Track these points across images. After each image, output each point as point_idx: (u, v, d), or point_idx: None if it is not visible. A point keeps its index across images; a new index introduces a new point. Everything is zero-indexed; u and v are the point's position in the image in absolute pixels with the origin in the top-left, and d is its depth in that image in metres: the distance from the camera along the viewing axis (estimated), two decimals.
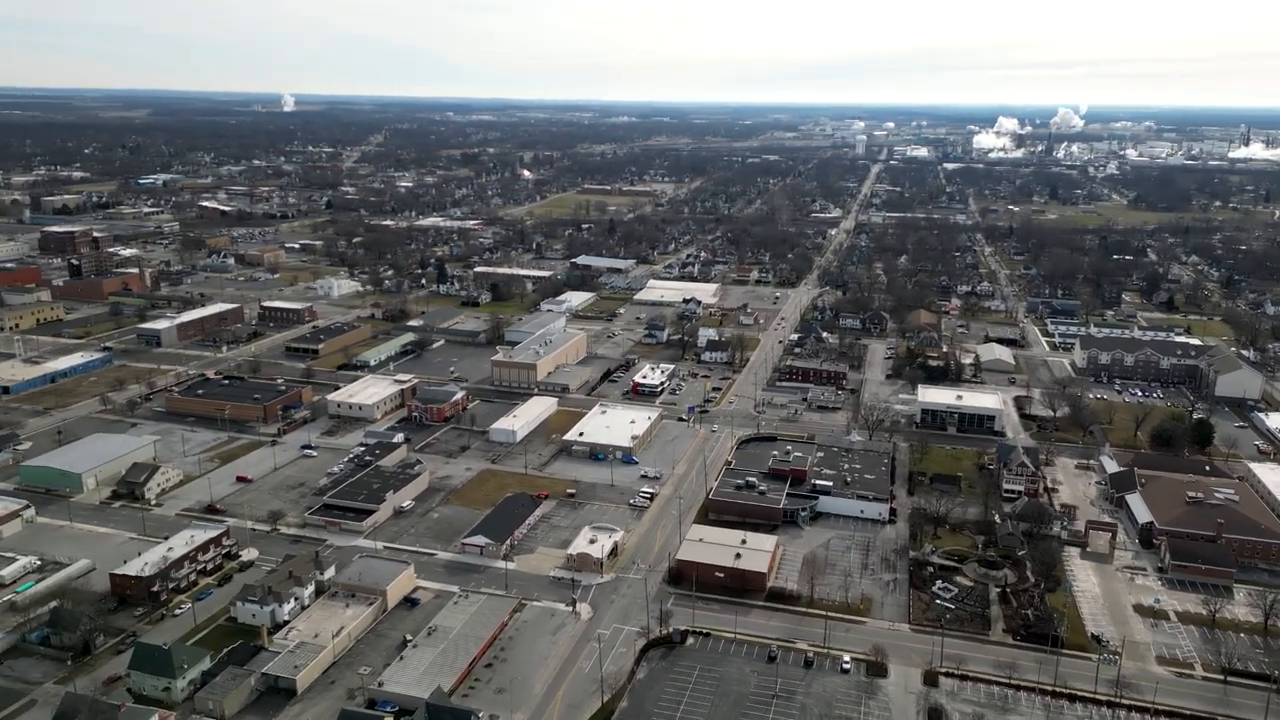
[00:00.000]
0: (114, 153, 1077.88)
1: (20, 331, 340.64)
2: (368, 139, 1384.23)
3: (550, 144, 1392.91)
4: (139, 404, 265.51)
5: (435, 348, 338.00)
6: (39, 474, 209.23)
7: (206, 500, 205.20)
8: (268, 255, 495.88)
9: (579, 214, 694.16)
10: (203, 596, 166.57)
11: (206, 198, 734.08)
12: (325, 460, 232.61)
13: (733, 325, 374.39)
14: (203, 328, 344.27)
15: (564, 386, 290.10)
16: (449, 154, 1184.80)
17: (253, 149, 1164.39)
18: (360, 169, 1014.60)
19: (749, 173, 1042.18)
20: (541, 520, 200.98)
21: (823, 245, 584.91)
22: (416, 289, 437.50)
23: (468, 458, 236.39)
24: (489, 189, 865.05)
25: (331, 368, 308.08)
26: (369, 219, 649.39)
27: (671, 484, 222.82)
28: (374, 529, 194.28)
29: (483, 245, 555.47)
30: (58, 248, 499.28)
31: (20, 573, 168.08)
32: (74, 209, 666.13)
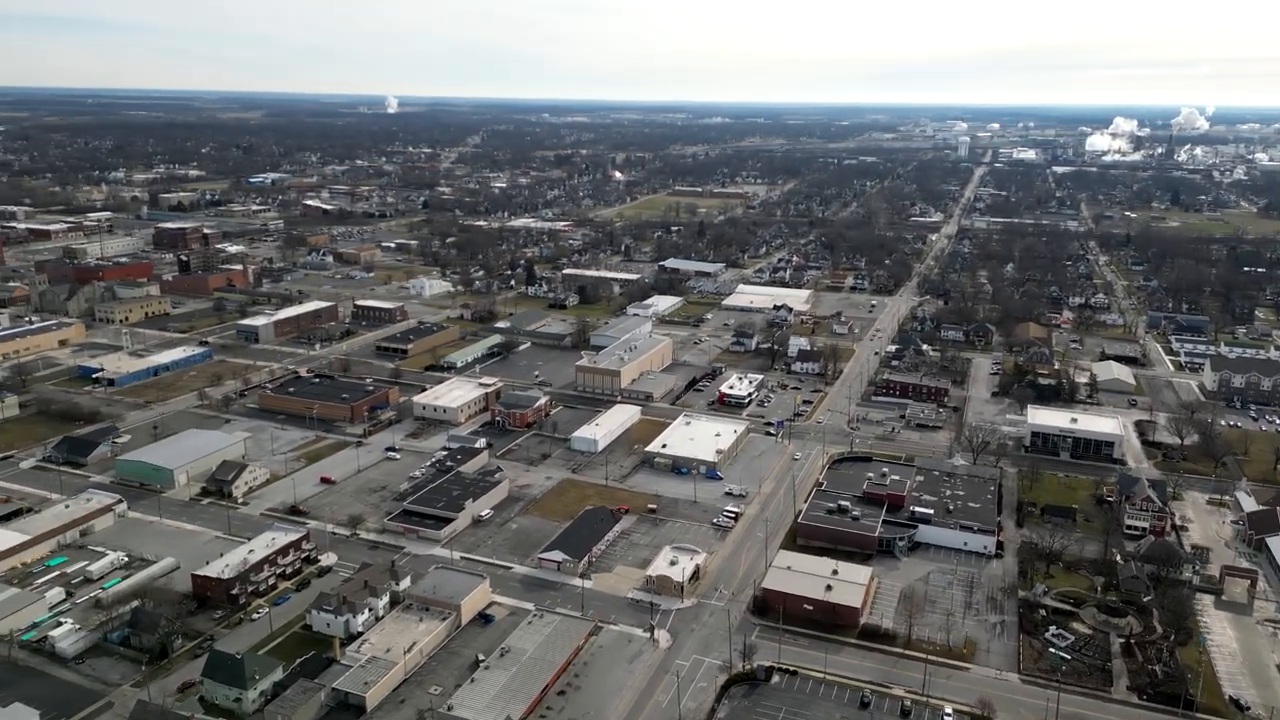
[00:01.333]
0: (228, 152, 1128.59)
1: (129, 325, 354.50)
2: (465, 140, 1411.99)
3: (642, 145, 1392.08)
4: (233, 400, 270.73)
5: (521, 350, 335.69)
6: (134, 468, 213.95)
7: (290, 501, 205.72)
8: (364, 254, 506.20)
9: (669, 216, 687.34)
10: (280, 601, 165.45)
11: (311, 196, 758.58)
12: (408, 463, 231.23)
13: (825, 334, 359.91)
14: (298, 325, 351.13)
15: (648, 394, 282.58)
16: (543, 155, 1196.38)
17: (356, 149, 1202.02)
18: (457, 169, 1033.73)
19: (845, 175, 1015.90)
20: (621, 536, 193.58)
21: (922, 251, 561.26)
22: (505, 290, 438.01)
23: (548, 466, 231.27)
24: (580, 190, 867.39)
25: (419, 368, 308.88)
26: (463, 219, 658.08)
27: (757, 503, 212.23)
28: (452, 538, 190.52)
29: (572, 247, 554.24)
30: (170, 243, 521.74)
31: (108, 569, 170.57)
32: (188, 206, 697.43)
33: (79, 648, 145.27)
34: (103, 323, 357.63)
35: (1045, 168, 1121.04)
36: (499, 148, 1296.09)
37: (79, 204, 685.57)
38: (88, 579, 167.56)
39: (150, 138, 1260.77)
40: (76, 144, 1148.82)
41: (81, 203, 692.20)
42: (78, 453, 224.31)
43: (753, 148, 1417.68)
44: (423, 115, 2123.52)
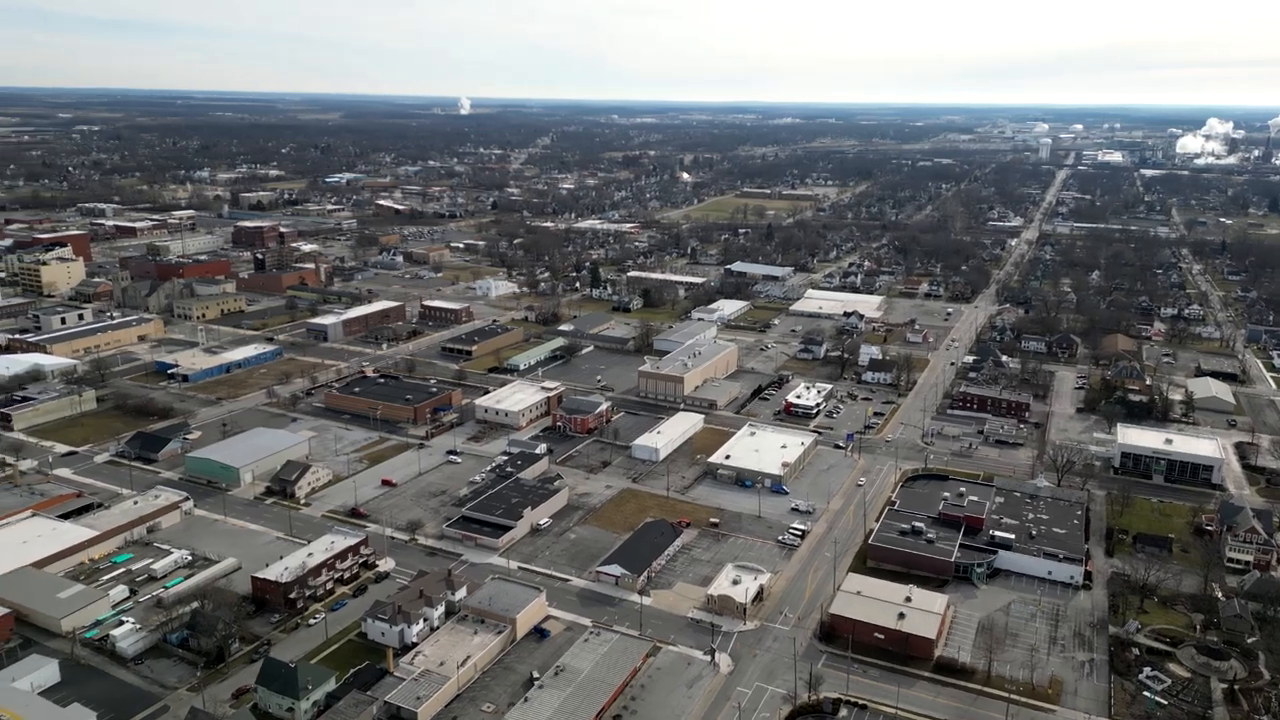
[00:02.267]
0: (307, 153, 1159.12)
1: (205, 321, 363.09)
2: (535, 141, 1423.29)
3: (711, 146, 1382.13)
4: (300, 399, 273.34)
5: (584, 354, 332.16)
6: (202, 465, 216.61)
7: (351, 503, 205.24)
8: (433, 254, 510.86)
9: (736, 218, 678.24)
10: (337, 607, 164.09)
11: (384, 196, 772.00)
12: (468, 467, 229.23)
13: (898, 343, 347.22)
14: (366, 324, 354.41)
15: (711, 402, 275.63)
16: (611, 156, 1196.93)
17: (429, 150, 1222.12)
18: (526, 170, 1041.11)
19: (919, 177, 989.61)
20: (681, 551, 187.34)
21: (1001, 257, 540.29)
22: (570, 292, 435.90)
23: (608, 474, 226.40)
24: (647, 192, 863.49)
25: (483, 370, 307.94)
26: (530, 220, 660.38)
27: (825, 521, 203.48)
28: (510, 547, 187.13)
29: (637, 249, 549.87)
30: (248, 242, 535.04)
31: (171, 567, 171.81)
32: (267, 205, 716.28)
33: (138, 648, 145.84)
34: (181, 319, 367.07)
35: (1133, 171, 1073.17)
36: (568, 149, 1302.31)
37: (165, 202, 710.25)
38: (151, 577, 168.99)
39: (235, 138, 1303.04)
40: (165, 144, 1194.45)
41: (167, 201, 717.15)
42: (150, 448, 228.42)
43: (823, 149, 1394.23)
44: (494, 117, 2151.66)
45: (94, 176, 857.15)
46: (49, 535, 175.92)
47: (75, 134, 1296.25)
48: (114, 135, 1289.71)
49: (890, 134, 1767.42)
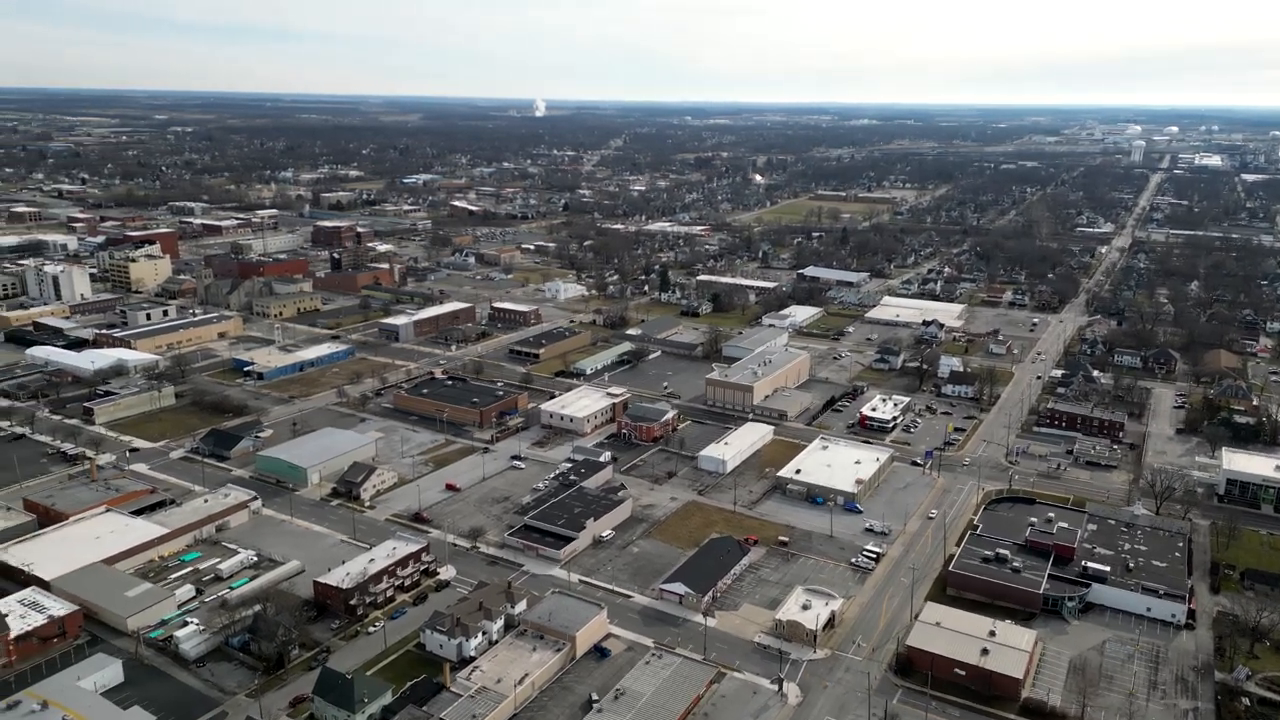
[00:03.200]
0: (386, 154, 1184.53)
1: (282, 320, 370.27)
2: (608, 143, 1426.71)
3: (784, 148, 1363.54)
4: (369, 399, 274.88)
5: (651, 359, 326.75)
6: (271, 465, 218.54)
7: (415, 507, 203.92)
8: (504, 255, 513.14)
9: (810, 221, 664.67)
10: (397, 615, 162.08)
11: (458, 197, 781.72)
12: (532, 473, 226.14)
13: (980, 354, 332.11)
14: (436, 325, 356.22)
15: (781, 413, 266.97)
16: (683, 158, 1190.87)
17: (504, 151, 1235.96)
18: (598, 172, 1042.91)
19: (1002, 180, 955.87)
20: (748, 571, 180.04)
21: (1091, 265, 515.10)
22: (639, 295, 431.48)
23: (673, 486, 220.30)
24: (719, 194, 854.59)
25: (550, 374, 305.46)
26: (601, 222, 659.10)
27: (901, 544, 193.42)
28: (571, 559, 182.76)
29: (708, 252, 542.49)
30: (326, 241, 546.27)
31: (237, 568, 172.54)
32: (346, 205, 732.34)
33: (201, 650, 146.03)
34: (259, 317, 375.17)
35: (1233, 175, 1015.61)
36: (640, 150, 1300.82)
37: (250, 201, 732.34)
38: (217, 577, 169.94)
39: (318, 139, 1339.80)
40: (253, 145, 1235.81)
41: (252, 200, 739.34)
42: (223, 446, 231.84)
43: (901, 151, 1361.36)
44: (568, 118, 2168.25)
45: (185, 176, 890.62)
46: (121, 531, 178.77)
47: (170, 135, 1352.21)
48: (206, 136, 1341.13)
49: (971, 135, 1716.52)
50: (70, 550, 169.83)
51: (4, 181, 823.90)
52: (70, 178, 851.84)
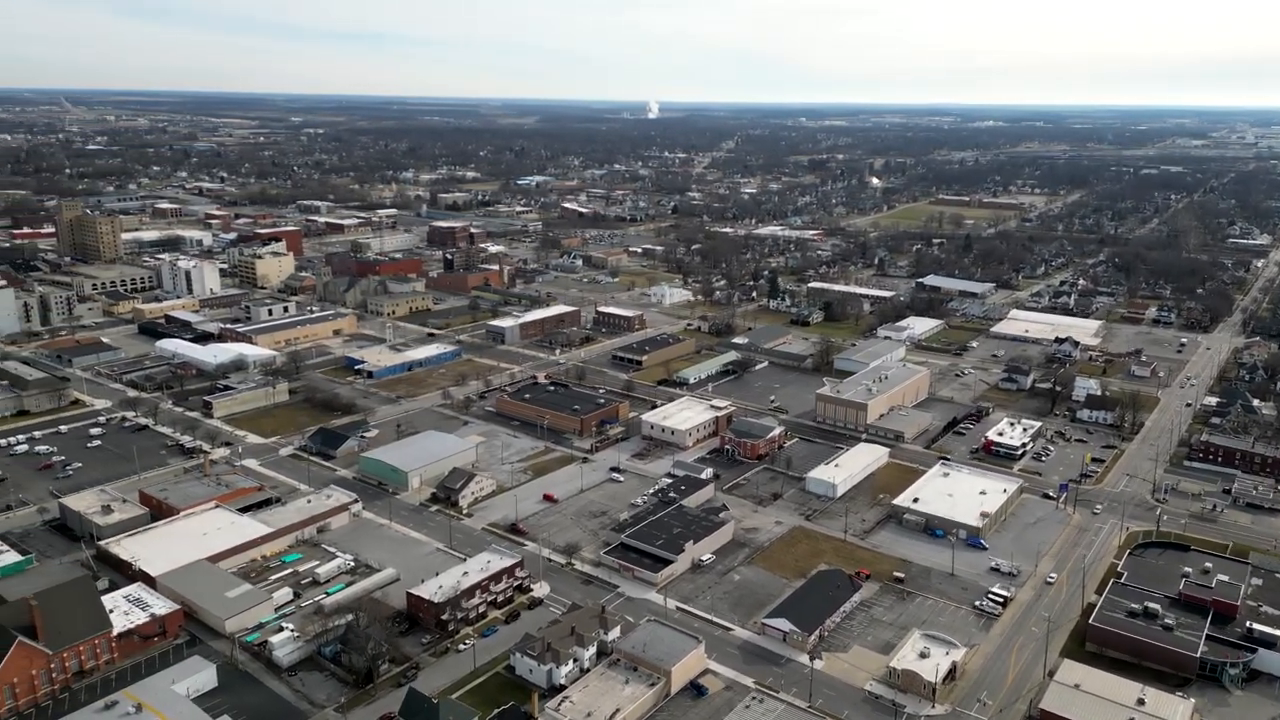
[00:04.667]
0: (502, 155, 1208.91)
1: (395, 319, 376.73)
2: (720, 144, 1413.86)
3: (904, 150, 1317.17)
4: (473, 402, 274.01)
5: (758, 369, 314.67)
6: (374, 466, 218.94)
7: (512, 517, 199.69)
8: (611, 258, 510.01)
9: (930, 227, 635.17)
10: (488, 633, 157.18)
11: (569, 199, 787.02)
12: (631, 487, 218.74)
13: (1121, 376, 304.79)
14: (542, 328, 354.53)
15: (898, 434, 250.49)
16: (796, 160, 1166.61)
17: (615, 154, 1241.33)
18: (709, 174, 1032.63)
19: (1143, 186, 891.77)
20: (860, 609, 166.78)
21: (1246, 280, 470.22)
22: (746, 302, 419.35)
23: (779, 509, 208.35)
24: (833, 197, 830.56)
25: (652, 381, 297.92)
26: (710, 225, 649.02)
27: (1032, 587, 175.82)
28: (668, 583, 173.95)
29: (820, 258, 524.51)
30: (441, 241, 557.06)
31: (335, 572, 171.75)
32: (461, 206, 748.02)
33: (294, 658, 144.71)
34: (373, 315, 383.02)
35: None
36: (752, 152, 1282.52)
37: (372, 201, 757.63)
38: (315, 581, 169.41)
39: (439, 141, 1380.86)
40: (378, 146, 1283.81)
41: (374, 200, 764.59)
42: (329, 445, 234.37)
43: (1030, 154, 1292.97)
44: (681, 120, 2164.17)
45: (314, 176, 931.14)
46: (227, 529, 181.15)
47: (303, 136, 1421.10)
48: (335, 137, 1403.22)
49: (1108, 138, 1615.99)
50: (177, 546, 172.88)
51: (151, 179, 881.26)
52: (210, 176, 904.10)
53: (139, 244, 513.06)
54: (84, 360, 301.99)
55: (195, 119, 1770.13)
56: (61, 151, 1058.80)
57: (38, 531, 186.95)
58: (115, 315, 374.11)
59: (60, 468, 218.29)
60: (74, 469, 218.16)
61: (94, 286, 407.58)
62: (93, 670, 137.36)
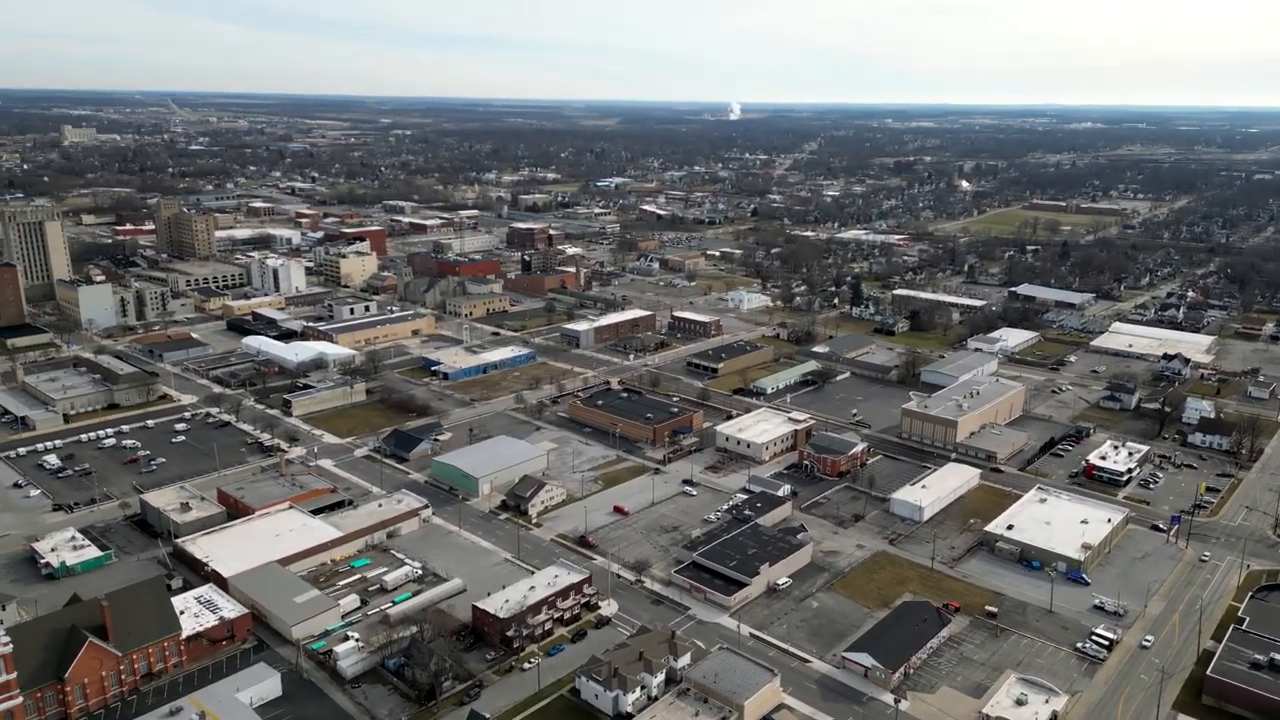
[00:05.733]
0: (583, 157, 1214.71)
1: (472, 319, 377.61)
2: (802, 146, 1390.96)
3: (995, 152, 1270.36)
4: (546, 407, 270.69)
5: (839, 380, 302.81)
6: (445, 471, 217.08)
7: (581, 529, 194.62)
8: (689, 261, 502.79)
9: (1023, 233, 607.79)
10: (554, 651, 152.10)
11: (648, 201, 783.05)
12: (704, 501, 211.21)
13: (1236, 397, 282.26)
14: (617, 332, 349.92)
15: (990, 454, 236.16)
16: (881, 162, 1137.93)
17: (695, 155, 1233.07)
18: (790, 176, 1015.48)
19: (1256, 192, 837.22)
20: (948, 645, 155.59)
21: None
22: (827, 309, 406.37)
23: (860, 531, 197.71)
24: (920, 200, 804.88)
25: (728, 390, 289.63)
26: (790, 228, 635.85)
27: (1140, 629, 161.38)
28: (742, 607, 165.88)
29: (906, 264, 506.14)
30: (520, 243, 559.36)
31: (402, 580, 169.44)
32: (541, 207, 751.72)
33: (358, 670, 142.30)
34: (451, 316, 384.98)
35: None
36: (835, 154, 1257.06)
37: (455, 201, 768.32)
38: (383, 588, 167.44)
39: (521, 143, 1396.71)
40: (463, 148, 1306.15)
41: (456, 201, 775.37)
42: (403, 447, 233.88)
43: (1132, 157, 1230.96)
44: (763, 121, 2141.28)
45: (400, 176, 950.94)
46: (299, 530, 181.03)
47: (391, 137, 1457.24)
48: (422, 139, 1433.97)
49: (1217, 141, 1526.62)
50: (250, 546, 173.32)
51: (247, 179, 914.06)
52: (303, 176, 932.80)
53: (232, 242, 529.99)
54: (174, 355, 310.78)
55: (291, 120, 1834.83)
56: (166, 151, 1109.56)
57: (119, 527, 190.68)
58: (206, 311, 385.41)
59: (145, 462, 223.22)
60: (158, 464, 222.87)
61: (187, 283, 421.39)
62: (161, 673, 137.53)
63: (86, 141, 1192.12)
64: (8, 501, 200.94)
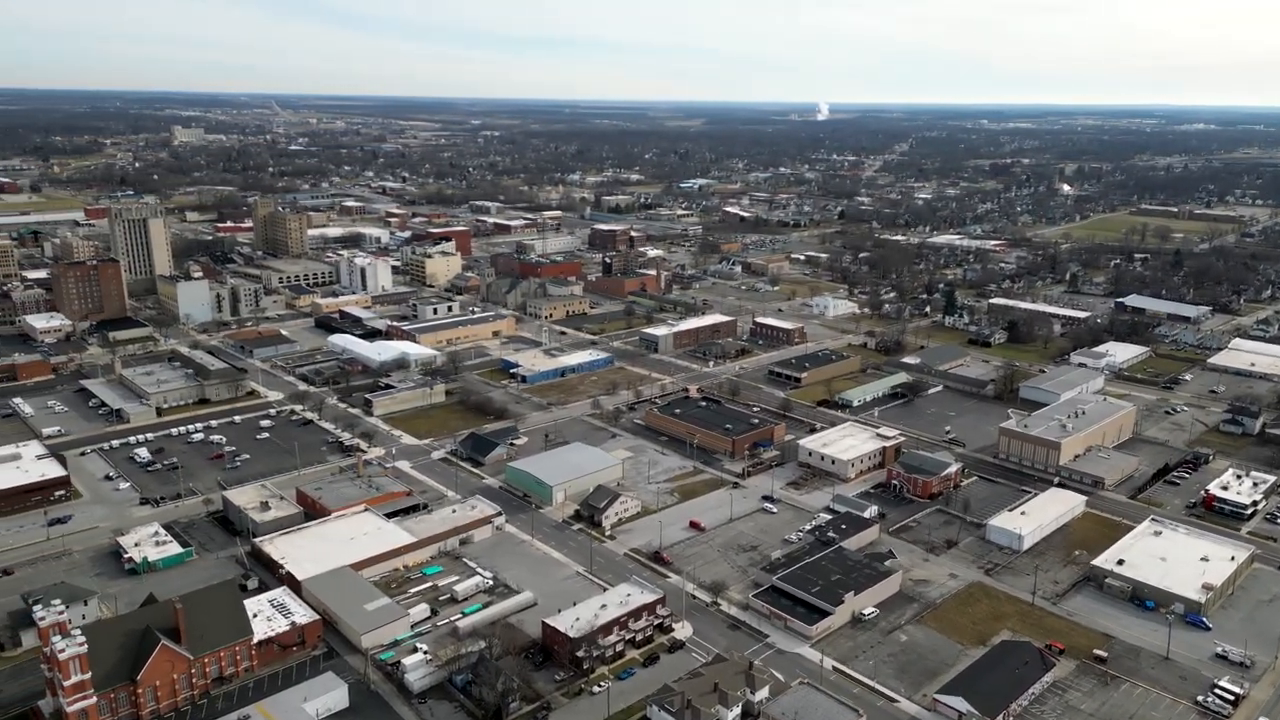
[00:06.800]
0: (666, 158, 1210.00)
1: (552, 322, 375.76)
2: (892, 147, 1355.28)
3: (1099, 154, 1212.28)
4: (622, 414, 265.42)
5: (930, 394, 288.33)
6: (520, 477, 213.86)
7: (655, 544, 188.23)
8: (772, 265, 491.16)
9: (1131, 240, 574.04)
10: (624, 675, 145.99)
11: (731, 203, 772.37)
12: (784, 520, 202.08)
13: None
14: (696, 338, 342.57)
15: (1097, 479, 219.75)
16: (976, 164, 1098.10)
17: (781, 156, 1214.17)
18: (879, 178, 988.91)
19: None
20: (1051, 691, 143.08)
21: None
22: (918, 317, 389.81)
23: (953, 559, 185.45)
24: (1018, 204, 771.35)
25: (811, 401, 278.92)
26: (879, 232, 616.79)
27: (1270, 683, 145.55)
28: (824, 637, 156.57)
29: (1003, 271, 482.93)
30: (601, 244, 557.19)
31: (473, 590, 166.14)
32: (623, 208, 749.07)
33: (425, 684, 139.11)
34: (531, 317, 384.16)
35: None
36: (927, 155, 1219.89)
37: (539, 202, 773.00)
38: (453, 598, 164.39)
39: (606, 144, 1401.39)
40: (549, 148, 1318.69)
41: (541, 201, 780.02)
42: (479, 451, 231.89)
43: (1249, 160, 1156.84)
44: (851, 122, 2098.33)
45: (487, 177, 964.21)
46: (373, 534, 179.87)
47: (480, 138, 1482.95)
48: (509, 140, 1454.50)
49: None
50: (325, 549, 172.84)
51: (342, 178, 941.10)
52: (394, 176, 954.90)
53: (324, 240, 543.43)
54: (263, 351, 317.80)
55: (386, 121, 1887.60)
56: (267, 151, 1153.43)
57: (201, 523, 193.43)
58: (296, 309, 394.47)
59: (230, 458, 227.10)
60: (242, 460, 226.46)
61: (280, 280, 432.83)
62: (231, 677, 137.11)
63: (194, 141, 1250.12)
64: (98, 493, 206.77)
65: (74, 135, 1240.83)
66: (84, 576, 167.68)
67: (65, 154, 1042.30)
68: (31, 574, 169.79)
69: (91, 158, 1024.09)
